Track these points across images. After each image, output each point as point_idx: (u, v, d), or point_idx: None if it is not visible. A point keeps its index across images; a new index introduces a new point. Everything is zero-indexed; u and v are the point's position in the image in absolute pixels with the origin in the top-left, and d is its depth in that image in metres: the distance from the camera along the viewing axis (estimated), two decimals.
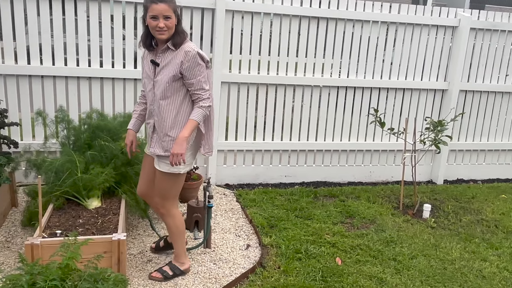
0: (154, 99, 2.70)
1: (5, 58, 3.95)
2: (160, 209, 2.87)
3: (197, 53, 2.60)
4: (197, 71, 2.61)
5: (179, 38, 2.60)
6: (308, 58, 4.68)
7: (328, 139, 4.96)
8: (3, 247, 3.18)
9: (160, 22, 2.53)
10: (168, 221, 2.89)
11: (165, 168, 2.72)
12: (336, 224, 3.94)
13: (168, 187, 2.78)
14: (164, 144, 2.71)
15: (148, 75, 2.72)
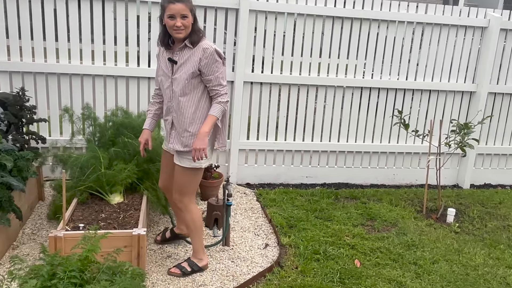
0: (172, 96, 2.75)
1: (35, 57, 4.09)
2: (178, 204, 2.92)
3: (214, 50, 2.65)
4: (215, 68, 2.66)
5: (196, 36, 2.66)
6: (331, 58, 4.65)
7: (351, 140, 4.91)
8: (29, 239, 3.29)
9: (177, 21, 2.58)
10: (185, 216, 2.93)
11: (186, 163, 2.77)
12: (357, 226, 3.90)
13: (187, 182, 2.83)
14: (183, 139, 2.75)
15: (165, 73, 2.77)
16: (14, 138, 3.44)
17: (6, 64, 4.02)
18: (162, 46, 2.77)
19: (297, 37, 4.51)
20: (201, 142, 2.65)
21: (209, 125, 2.67)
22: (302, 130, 4.77)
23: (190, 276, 2.98)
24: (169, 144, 2.85)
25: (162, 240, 3.34)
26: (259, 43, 4.44)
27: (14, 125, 3.52)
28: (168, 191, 3.09)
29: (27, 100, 3.59)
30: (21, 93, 3.55)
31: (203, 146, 2.65)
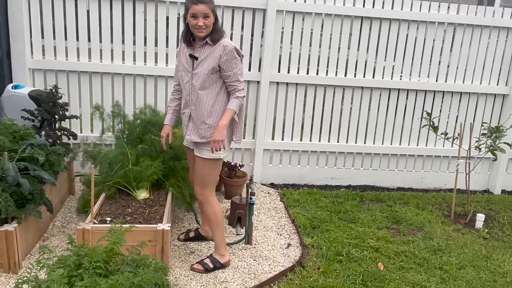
0: (192, 89, 2.85)
1: (69, 56, 4.23)
2: (199, 197, 3.00)
3: (234, 47, 2.77)
4: (234, 64, 2.78)
5: (217, 34, 2.78)
6: (359, 59, 4.61)
7: (378, 142, 4.85)
8: (59, 231, 3.41)
9: (199, 20, 2.70)
10: (207, 209, 3.00)
11: (206, 154, 2.87)
12: (381, 229, 3.85)
13: (207, 173, 2.92)
14: (201, 131, 2.86)
15: (186, 68, 2.88)
16: (47, 133, 3.57)
17: (41, 62, 4.18)
18: (185, 43, 2.89)
19: (324, 37, 4.49)
20: (220, 134, 2.76)
21: (228, 118, 2.79)
22: (327, 131, 4.74)
23: (212, 272, 3.02)
24: (186, 136, 2.95)
25: (185, 239, 3.40)
26: (286, 43, 4.44)
27: (47, 121, 3.66)
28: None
29: (60, 97, 3.72)
30: (54, 91, 3.68)
31: (222, 138, 2.76)
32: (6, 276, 2.80)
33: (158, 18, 4.25)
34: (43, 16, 4.11)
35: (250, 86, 4.50)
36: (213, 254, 3.09)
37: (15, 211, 2.78)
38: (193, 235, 3.40)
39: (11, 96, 3.76)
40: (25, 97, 3.72)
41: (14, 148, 3.03)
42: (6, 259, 2.80)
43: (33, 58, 4.17)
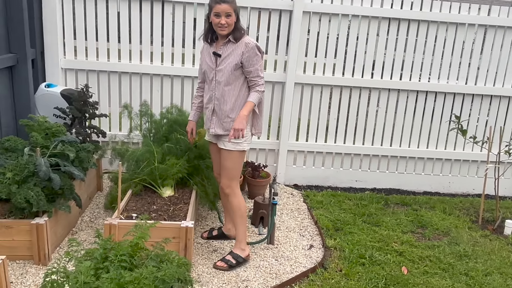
0: (216, 85, 2.97)
1: (99, 56, 4.35)
2: (226, 189, 3.08)
3: (255, 45, 2.89)
4: (255, 61, 2.91)
5: (239, 33, 2.91)
6: (386, 61, 4.56)
7: (404, 145, 4.78)
8: (87, 226, 3.51)
9: (222, 19, 2.83)
10: (232, 200, 3.09)
11: (230, 146, 2.97)
12: (406, 233, 3.80)
13: (232, 165, 3.02)
14: (225, 124, 2.98)
15: (209, 66, 3.00)
16: (77, 131, 3.68)
17: (73, 62, 4.32)
18: (207, 42, 3.02)
19: (351, 39, 4.47)
20: (240, 123, 2.89)
21: (248, 109, 2.92)
22: (352, 133, 4.71)
23: (235, 269, 3.06)
24: (210, 129, 3.04)
25: (209, 237, 3.45)
26: (312, 44, 4.44)
27: (78, 119, 3.77)
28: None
29: (91, 96, 3.83)
30: (85, 90, 3.79)
31: (242, 127, 2.89)
32: (36, 267, 2.91)
33: (186, 20, 4.32)
34: (76, 18, 4.25)
35: (275, 87, 4.52)
36: (233, 250, 3.15)
37: (46, 205, 2.88)
38: (216, 233, 3.45)
39: (44, 94, 3.90)
40: (57, 96, 3.86)
41: (46, 144, 3.15)
42: (37, 251, 2.91)
43: (65, 58, 4.32)
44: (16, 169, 2.89)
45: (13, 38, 3.81)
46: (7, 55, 3.76)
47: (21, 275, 2.82)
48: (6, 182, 2.84)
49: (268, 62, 4.45)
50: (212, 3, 2.86)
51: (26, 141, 3.26)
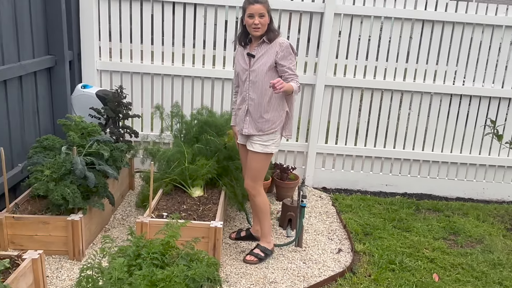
0: (249, 86, 3.00)
1: (133, 58, 4.46)
2: (251, 190, 3.13)
3: (289, 44, 2.96)
4: (290, 60, 2.95)
5: (273, 34, 2.95)
6: (419, 63, 4.48)
7: (437, 149, 4.68)
8: (119, 224, 3.60)
9: (255, 19, 2.88)
10: (258, 200, 3.15)
11: (258, 148, 3.01)
12: (437, 240, 3.72)
13: (259, 167, 3.05)
14: (258, 125, 3.00)
15: (243, 67, 3.03)
16: (111, 131, 3.79)
17: (108, 64, 4.44)
18: (241, 45, 3.06)
19: (383, 41, 4.41)
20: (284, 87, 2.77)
21: (288, 86, 2.84)
22: (383, 137, 4.65)
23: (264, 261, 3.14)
24: (244, 129, 3.06)
25: (237, 238, 3.48)
26: (343, 46, 4.41)
27: (112, 119, 3.88)
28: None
29: (124, 97, 3.93)
30: (120, 91, 3.89)
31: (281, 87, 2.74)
32: (71, 262, 3.01)
33: (217, 22, 4.37)
34: (111, 21, 4.37)
35: (305, 89, 4.51)
36: (260, 243, 3.22)
37: (81, 202, 2.98)
38: (244, 234, 3.47)
39: (80, 95, 4.03)
40: (93, 97, 3.97)
41: (82, 143, 3.25)
42: (72, 247, 3.01)
43: (100, 60, 4.44)
44: (53, 167, 2.99)
45: (52, 41, 3.95)
46: (46, 57, 3.91)
47: (57, 270, 2.92)
48: (44, 179, 2.96)
49: (298, 64, 4.45)
50: (246, 4, 2.91)
51: (63, 140, 3.38)
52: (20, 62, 3.54)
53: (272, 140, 3.03)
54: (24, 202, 3.19)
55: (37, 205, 3.16)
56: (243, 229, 3.54)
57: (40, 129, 3.93)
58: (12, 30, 3.43)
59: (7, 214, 2.96)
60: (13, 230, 2.96)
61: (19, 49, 3.54)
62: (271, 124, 3.00)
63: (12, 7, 3.42)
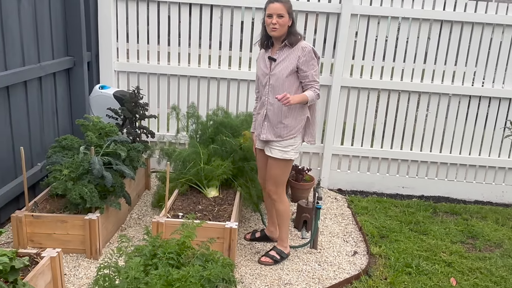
0: (269, 90, 2.95)
1: (150, 59, 4.50)
2: (273, 195, 3.09)
3: (312, 49, 2.87)
4: (312, 65, 2.88)
5: (294, 37, 2.88)
6: (437, 64, 4.42)
7: (455, 151, 4.61)
8: (135, 223, 3.64)
9: (273, 19, 2.81)
10: (279, 206, 3.11)
11: (277, 154, 2.96)
12: (455, 243, 3.66)
13: (279, 173, 3.01)
14: (277, 130, 2.95)
15: (264, 71, 2.98)
16: (128, 131, 3.83)
17: (125, 65, 4.49)
18: (262, 48, 3.00)
19: (400, 41, 4.37)
20: (293, 99, 2.74)
21: (300, 98, 2.81)
22: (400, 138, 4.60)
23: (278, 264, 3.12)
24: (262, 134, 3.01)
25: (251, 239, 3.48)
26: (359, 47, 4.38)
27: (129, 120, 3.92)
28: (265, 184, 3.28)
29: (141, 97, 3.97)
30: (136, 91, 3.93)
31: (291, 102, 2.73)
32: (88, 261, 3.05)
33: (234, 23, 4.38)
34: (128, 22, 4.42)
35: (320, 90, 4.47)
36: (277, 246, 3.21)
37: (98, 202, 3.02)
38: (259, 235, 3.47)
39: (98, 96, 4.08)
40: (110, 97, 4.02)
41: (99, 143, 3.29)
42: (89, 246, 3.05)
43: (118, 61, 4.49)
44: (72, 167, 3.04)
45: (71, 42, 4.01)
46: (65, 58, 3.97)
47: (74, 268, 2.97)
48: (62, 178, 3.00)
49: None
50: (266, 4, 2.87)
51: (82, 140, 3.42)
52: (40, 63, 3.60)
53: (291, 146, 2.96)
54: (43, 201, 3.25)
55: (55, 204, 3.21)
56: (257, 230, 3.54)
57: (59, 129, 4.00)
58: (32, 32, 3.50)
59: (26, 213, 3.01)
60: (32, 228, 3.02)
61: (39, 51, 3.60)
62: (290, 130, 2.94)
63: (33, 9, 3.48)
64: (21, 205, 3.43)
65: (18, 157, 3.42)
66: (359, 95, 4.49)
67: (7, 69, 3.22)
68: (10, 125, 3.33)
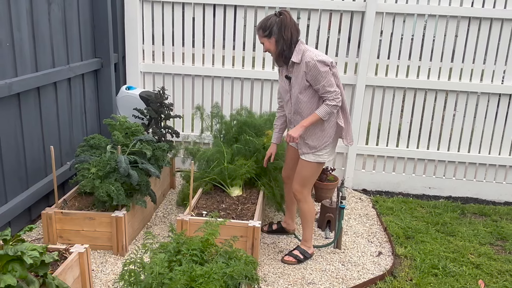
0: (292, 108, 2.98)
1: (175, 60, 4.57)
2: (298, 195, 3.10)
3: (316, 62, 2.75)
4: (320, 78, 2.78)
5: (296, 52, 2.82)
6: (465, 62, 4.32)
7: (484, 151, 4.49)
8: (160, 221, 3.70)
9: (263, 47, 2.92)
10: (303, 206, 3.11)
11: (310, 158, 2.97)
12: (484, 245, 3.57)
13: (308, 175, 3.03)
14: (310, 143, 2.98)
15: (284, 88, 3.01)
16: (153, 131, 3.89)
17: (151, 66, 4.57)
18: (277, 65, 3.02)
19: (427, 39, 4.29)
20: (296, 131, 2.86)
21: (309, 121, 2.86)
22: (427, 138, 4.51)
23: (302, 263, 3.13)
24: (299, 150, 3.05)
25: (269, 231, 3.52)
26: (384, 46, 4.32)
27: (154, 120, 3.98)
28: (288, 181, 3.32)
29: (166, 98, 4.03)
30: (162, 92, 4.00)
31: (296, 135, 2.85)
32: (114, 257, 3.12)
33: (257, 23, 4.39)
34: (154, 25, 4.49)
35: (345, 89, 4.45)
36: (300, 246, 3.22)
37: (125, 200, 3.08)
38: (275, 227, 3.53)
39: (124, 96, 4.17)
40: (136, 98, 4.10)
41: (126, 142, 3.37)
42: (116, 242, 3.12)
43: (144, 62, 4.58)
44: (99, 165, 3.11)
45: (99, 44, 4.12)
46: (93, 59, 4.08)
47: (101, 264, 3.04)
48: (90, 176, 3.08)
49: (338, 65, 4.40)
50: None
51: (109, 139, 3.51)
52: (69, 65, 3.71)
53: (325, 150, 2.98)
54: (71, 199, 3.34)
55: (83, 201, 3.30)
56: (274, 222, 3.57)
57: (87, 128, 4.10)
58: (61, 34, 3.61)
59: (56, 210, 3.10)
60: (62, 225, 3.11)
61: (68, 53, 3.71)
62: (319, 144, 2.96)
63: (62, 13, 3.59)
64: (51, 203, 3.54)
65: (48, 156, 3.54)
66: (384, 94, 4.43)
67: (37, 70, 3.33)
68: (41, 125, 3.44)
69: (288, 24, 2.78)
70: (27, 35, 3.18)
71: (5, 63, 2.98)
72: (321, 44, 4.37)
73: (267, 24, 2.80)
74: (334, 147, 3.05)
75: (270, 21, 2.80)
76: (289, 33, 2.78)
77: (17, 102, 3.14)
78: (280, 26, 2.78)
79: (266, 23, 2.81)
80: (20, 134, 3.21)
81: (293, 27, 2.81)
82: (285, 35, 2.77)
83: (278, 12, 2.83)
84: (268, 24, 2.80)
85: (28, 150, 3.32)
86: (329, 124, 2.94)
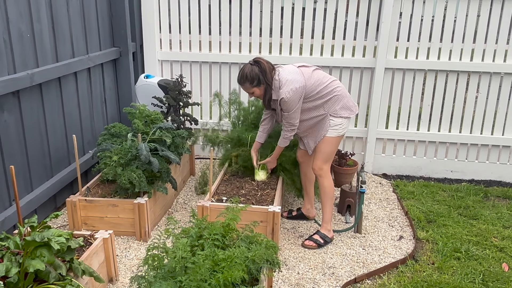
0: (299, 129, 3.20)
1: (192, 48, 4.57)
2: (319, 171, 3.17)
3: (283, 97, 2.92)
4: (286, 110, 3.00)
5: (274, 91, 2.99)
6: (487, 43, 4.20)
7: (508, 133, 4.39)
8: (181, 208, 3.75)
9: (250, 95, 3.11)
10: (324, 181, 3.17)
11: (333, 133, 3.10)
12: (508, 228, 3.51)
13: (327, 149, 3.12)
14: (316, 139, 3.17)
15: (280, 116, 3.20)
16: (172, 118, 3.92)
17: (168, 54, 4.59)
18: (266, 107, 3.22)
19: (448, 20, 4.18)
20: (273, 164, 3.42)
21: (277, 153, 3.31)
22: (448, 121, 4.43)
23: (322, 248, 3.17)
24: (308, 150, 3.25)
25: (288, 217, 3.56)
26: (404, 28, 4.23)
27: (173, 108, 4.01)
28: (302, 160, 3.41)
29: (184, 86, 4.05)
30: (180, 80, 4.02)
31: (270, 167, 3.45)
32: (137, 243, 3.19)
33: (274, 9, 4.36)
34: (171, 13, 4.50)
35: (364, 73, 4.40)
36: (320, 230, 3.24)
37: (146, 187, 3.13)
38: (295, 213, 3.56)
39: (143, 85, 4.21)
40: (155, 86, 4.13)
41: (146, 130, 3.40)
42: (138, 228, 3.18)
43: (161, 51, 4.60)
44: (120, 153, 3.16)
45: (117, 34, 4.15)
46: (111, 49, 4.11)
47: (125, 249, 3.11)
48: (112, 164, 3.13)
49: (357, 48, 4.34)
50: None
51: (129, 128, 3.55)
52: (88, 54, 3.75)
53: (339, 125, 3.07)
54: (95, 186, 3.41)
55: (106, 189, 3.37)
56: (294, 209, 3.59)
57: (107, 117, 4.16)
58: (80, 25, 3.64)
59: (80, 197, 3.18)
60: (86, 212, 3.18)
61: (87, 43, 3.75)
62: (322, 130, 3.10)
63: (80, 4, 3.62)
64: (75, 190, 3.62)
65: (71, 145, 3.61)
66: (404, 77, 4.36)
67: (58, 61, 3.38)
68: (63, 114, 3.50)
69: (267, 69, 2.94)
70: (47, 26, 3.23)
71: (26, 55, 3.03)
72: (339, 28, 4.31)
73: (252, 76, 2.94)
74: (345, 123, 3.10)
75: (253, 72, 2.94)
76: (269, 77, 2.96)
77: (39, 93, 3.20)
78: (264, 73, 2.94)
79: (250, 74, 2.95)
80: (43, 124, 3.28)
81: (269, 69, 2.96)
82: (267, 79, 2.95)
83: (253, 61, 2.96)
84: (253, 75, 2.94)
85: (52, 140, 3.39)
86: (322, 120, 3.08)
